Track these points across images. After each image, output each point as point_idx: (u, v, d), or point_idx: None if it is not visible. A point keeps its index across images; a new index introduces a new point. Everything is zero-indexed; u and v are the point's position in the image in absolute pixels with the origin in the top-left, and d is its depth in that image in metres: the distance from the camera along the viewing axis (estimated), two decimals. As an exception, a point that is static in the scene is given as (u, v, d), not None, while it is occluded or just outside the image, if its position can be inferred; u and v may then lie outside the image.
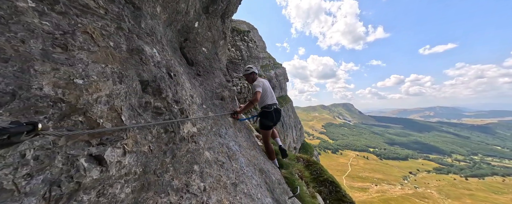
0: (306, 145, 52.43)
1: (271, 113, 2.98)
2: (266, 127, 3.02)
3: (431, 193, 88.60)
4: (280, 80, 41.89)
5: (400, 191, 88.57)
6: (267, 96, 2.98)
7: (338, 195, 9.84)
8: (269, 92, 3.05)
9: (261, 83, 2.91)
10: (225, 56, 4.31)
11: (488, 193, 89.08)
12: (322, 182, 11.28)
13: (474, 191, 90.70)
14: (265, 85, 2.98)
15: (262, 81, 3.02)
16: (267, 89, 3.00)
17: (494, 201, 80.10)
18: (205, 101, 2.03)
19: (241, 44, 24.15)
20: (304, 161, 14.70)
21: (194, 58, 2.47)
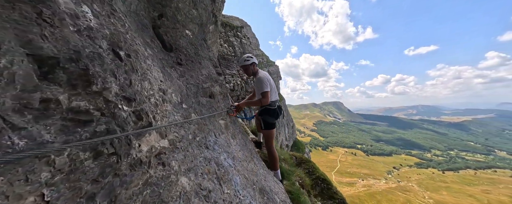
0: (298, 143, 53.04)
1: (276, 109, 2.61)
2: (271, 125, 2.59)
3: (412, 186, 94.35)
4: (273, 78, 41.52)
5: (385, 185, 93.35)
6: (271, 93, 2.54)
7: (330, 192, 9.85)
8: (274, 88, 2.62)
9: (266, 80, 2.46)
10: (216, 47, 3.70)
11: (461, 185, 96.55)
12: (314, 179, 11.15)
13: (449, 184, 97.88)
14: (271, 82, 2.55)
15: (267, 76, 2.54)
16: (272, 85, 2.56)
17: (466, 192, 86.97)
18: (186, 99, 1.46)
19: (234, 40, 23.26)
20: (297, 159, 14.53)
21: (174, 42, 1.86)
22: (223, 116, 1.92)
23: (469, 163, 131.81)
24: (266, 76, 2.51)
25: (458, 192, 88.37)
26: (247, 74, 2.67)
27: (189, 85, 1.61)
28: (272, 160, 2.66)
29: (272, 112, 2.57)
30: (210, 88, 1.85)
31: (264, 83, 2.40)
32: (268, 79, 2.48)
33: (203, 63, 2.01)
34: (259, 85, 2.42)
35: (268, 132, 2.61)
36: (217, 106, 1.87)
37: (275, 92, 2.63)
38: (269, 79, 2.52)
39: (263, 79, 2.43)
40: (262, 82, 2.41)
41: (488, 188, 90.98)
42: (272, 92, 2.54)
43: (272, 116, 2.58)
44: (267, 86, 2.39)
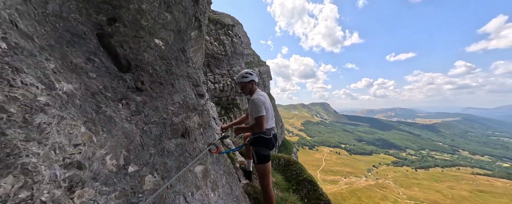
0: (286, 142, 53.78)
1: (271, 139, 2.12)
2: (265, 158, 2.08)
3: (389, 183, 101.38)
4: (264, 78, 41.30)
5: (365, 183, 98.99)
6: (267, 119, 2.10)
7: (316, 194, 9.80)
8: (271, 113, 2.17)
9: (262, 102, 2.03)
10: (201, 54, 3.16)
11: (430, 181, 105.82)
12: (301, 181, 10.99)
13: (420, 180, 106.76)
14: (267, 105, 2.09)
15: (263, 98, 2.11)
16: (269, 109, 2.12)
17: (434, 188, 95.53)
18: (139, 154, 0.96)
19: (225, 39, 22.44)
20: (285, 161, 14.31)
21: (135, 57, 1.33)
22: (201, 159, 1.43)
23: (437, 162, 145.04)
24: (263, 99, 2.07)
25: (427, 188, 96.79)
26: (244, 92, 2.28)
27: (149, 125, 1.10)
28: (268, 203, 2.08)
29: (267, 141, 2.07)
30: (183, 122, 1.34)
31: (259, 106, 1.97)
32: (263, 102, 2.04)
33: (177, 85, 1.49)
34: (253, 108, 1.99)
35: (262, 167, 2.07)
36: (193, 147, 1.37)
37: (272, 118, 2.19)
38: (265, 102, 2.08)
39: (257, 102, 1.99)
40: (256, 105, 1.98)
41: (452, 184, 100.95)
42: (268, 118, 2.11)
43: (266, 146, 2.07)
44: (262, 110, 1.96)
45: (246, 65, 33.46)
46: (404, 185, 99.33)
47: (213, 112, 3.64)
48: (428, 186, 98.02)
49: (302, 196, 10.35)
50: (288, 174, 12.16)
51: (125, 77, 1.20)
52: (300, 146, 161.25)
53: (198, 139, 1.45)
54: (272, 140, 2.12)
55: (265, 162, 2.09)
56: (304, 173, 12.78)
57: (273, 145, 2.12)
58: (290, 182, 11.34)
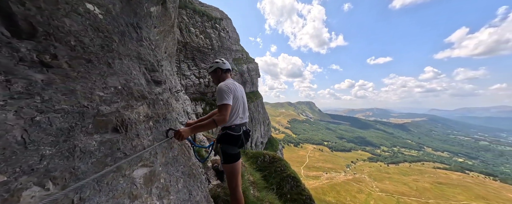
0: (272, 140, 54.54)
1: (239, 137, 1.81)
2: (232, 157, 1.81)
3: (364, 177, 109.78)
4: (252, 76, 41.00)
5: (343, 177, 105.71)
6: (237, 112, 1.82)
7: (298, 189, 10.06)
8: (241, 104, 1.88)
9: (231, 90, 1.77)
10: (172, 41, 2.78)
11: (400, 175, 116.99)
12: (285, 178, 11.14)
13: (391, 175, 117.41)
14: (237, 93, 1.84)
15: (234, 86, 1.88)
16: (239, 100, 1.85)
17: (402, 181, 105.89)
18: (11, 158, 0.63)
19: (212, 32, 21.53)
20: (270, 158, 14.37)
21: (47, 22, 0.95)
22: (146, 159, 1.11)
23: (406, 157, 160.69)
24: (232, 86, 1.81)
25: (397, 181, 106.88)
26: (214, 81, 2.09)
27: (49, 115, 0.76)
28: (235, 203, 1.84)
29: (235, 139, 1.78)
30: (119, 113, 1.01)
31: (224, 93, 1.70)
32: (231, 90, 1.77)
33: (116, 66, 1.13)
34: (217, 95, 1.72)
35: (230, 167, 1.80)
36: (132, 145, 1.05)
37: (245, 111, 1.91)
38: (234, 90, 1.81)
39: (223, 88, 1.73)
40: (220, 92, 1.71)
41: (417, 177, 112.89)
42: (238, 110, 1.82)
43: (234, 144, 1.78)
44: (227, 98, 1.68)
45: (234, 61, 32.71)
46: (377, 179, 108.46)
47: (186, 105, 3.28)
48: (397, 180, 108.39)
49: (285, 192, 10.52)
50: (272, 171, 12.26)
51: (19, 46, 0.83)
52: (286, 143, 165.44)
53: (142, 135, 1.12)
54: (242, 137, 1.83)
55: (233, 161, 1.81)
56: (288, 169, 12.93)
57: (243, 143, 1.83)
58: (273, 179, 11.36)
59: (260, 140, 43.92)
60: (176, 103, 2.69)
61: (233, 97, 1.74)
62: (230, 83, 1.85)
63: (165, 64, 2.87)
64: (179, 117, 2.48)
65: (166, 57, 2.87)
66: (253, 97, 40.75)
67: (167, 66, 2.95)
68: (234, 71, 26.13)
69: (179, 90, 2.84)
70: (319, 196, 73.80)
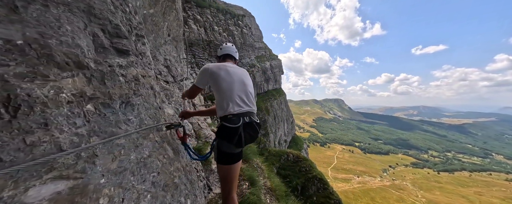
0: (296, 138, 52.58)
1: (236, 130, 1.34)
2: (226, 157, 1.39)
3: (406, 185, 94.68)
4: (275, 73, 39.87)
5: (379, 183, 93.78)
6: (232, 97, 1.41)
7: (326, 192, 8.99)
8: (238, 89, 1.46)
9: (204, 70, 1.48)
10: (174, 17, 2.38)
11: (455, 186, 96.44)
12: (311, 179, 10.06)
13: (443, 184, 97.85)
14: (229, 77, 1.45)
15: (225, 67, 1.50)
16: (233, 82, 1.45)
17: (459, 193, 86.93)
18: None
19: (235, 29, 21.51)
20: (294, 157, 13.36)
21: None
22: (68, 167, 0.62)
23: (465, 165, 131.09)
24: (216, 66, 1.48)
25: (451, 192, 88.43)
26: None
27: None
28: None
29: (230, 133, 1.33)
30: (5, 83, 0.56)
31: (200, 74, 1.48)
32: (217, 69, 1.45)
33: (28, 12, 0.68)
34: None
35: (223, 170, 1.39)
36: (26, 141, 0.59)
37: (248, 98, 1.47)
38: (225, 70, 1.46)
39: (202, 69, 1.48)
40: (199, 73, 1.49)
41: (481, 190, 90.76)
42: (232, 95, 1.41)
43: (228, 140, 1.34)
44: (198, 80, 1.49)
45: (256, 59, 32.34)
46: (424, 187, 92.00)
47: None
48: (452, 191, 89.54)
49: (310, 194, 9.44)
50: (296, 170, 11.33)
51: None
52: (311, 143, 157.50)
53: (59, 125, 0.65)
54: (240, 131, 1.33)
55: (227, 162, 1.37)
56: (313, 170, 11.65)
57: (240, 139, 1.33)
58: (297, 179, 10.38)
59: (283, 138, 42.75)
60: (179, 92, 2.29)
61: (219, 78, 1.42)
62: (219, 64, 1.53)
63: (168, 49, 2.51)
64: (178, 107, 2.06)
65: (169, 41, 2.50)
66: (276, 94, 39.69)
67: (171, 52, 2.59)
68: (256, 68, 25.70)
69: (185, 78, 2.45)
70: (349, 202, 67.52)
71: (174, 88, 2.27)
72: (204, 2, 18.63)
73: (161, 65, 2.23)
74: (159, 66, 2.18)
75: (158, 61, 2.21)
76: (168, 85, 2.21)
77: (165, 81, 2.19)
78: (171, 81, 2.29)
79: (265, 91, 34.49)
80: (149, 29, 2.01)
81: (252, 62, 24.95)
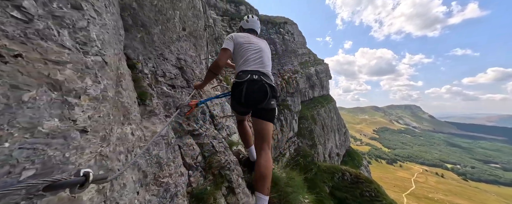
0: (352, 153, 44.00)
1: (240, 84, 1.40)
2: (235, 111, 1.63)
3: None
4: (322, 78, 35.91)
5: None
6: (247, 58, 1.50)
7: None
8: (253, 50, 1.54)
9: (235, 37, 1.59)
10: (187, 5, 1.93)
11: None
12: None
13: None
14: (246, 40, 1.57)
15: (246, 35, 1.65)
16: (251, 45, 1.56)
17: None
18: None
19: (276, 37, 21.27)
20: (352, 177, 10.89)
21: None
22: None
23: None
24: (237, 34, 1.62)
25: None
26: None
27: None
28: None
29: (234, 87, 1.43)
30: None
31: (225, 40, 1.58)
32: (235, 37, 1.59)
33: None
34: None
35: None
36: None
37: (257, 56, 1.51)
38: (246, 37, 1.59)
39: (227, 37, 1.60)
40: (226, 39, 1.58)
41: None
42: (248, 55, 1.49)
43: (232, 95, 1.44)
44: (225, 44, 1.55)
45: (300, 65, 30.47)
46: None
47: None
48: None
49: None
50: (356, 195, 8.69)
51: None
52: (373, 158, 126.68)
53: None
54: (243, 87, 1.37)
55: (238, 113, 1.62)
56: (384, 197, 8.87)
57: (240, 95, 1.37)
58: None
59: (335, 151, 36.63)
60: (189, 99, 1.71)
61: (237, 43, 1.57)
62: (243, 33, 1.69)
63: (184, 47, 2.05)
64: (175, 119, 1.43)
65: (185, 37, 2.05)
66: (323, 101, 35.27)
67: (188, 50, 2.12)
68: (299, 74, 23.93)
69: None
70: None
71: (182, 95, 1.71)
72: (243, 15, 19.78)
73: (169, 66, 1.76)
74: (166, 66, 1.70)
75: (166, 60, 1.75)
76: (174, 91, 1.67)
77: (170, 85, 1.67)
78: (180, 86, 1.77)
79: (311, 99, 31.39)
80: (152, 18, 1.58)
81: (295, 68, 23.57)
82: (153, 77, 1.55)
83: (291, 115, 19.67)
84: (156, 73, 1.58)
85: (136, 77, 1.37)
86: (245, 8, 20.67)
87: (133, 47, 1.49)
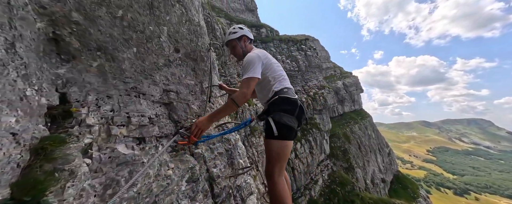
0: (403, 178, 35.40)
1: (296, 102, 1.31)
2: (288, 130, 1.24)
3: None
4: (351, 92, 32.24)
5: None
6: (281, 75, 1.41)
7: None
8: (277, 71, 1.41)
9: (259, 58, 1.34)
10: (178, 18, 1.38)
11: None
12: None
13: None
14: (270, 61, 1.41)
15: (263, 53, 1.41)
16: (273, 66, 1.40)
17: None
18: None
19: (298, 54, 20.69)
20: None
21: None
22: None
23: None
24: (260, 54, 1.37)
25: None
26: (235, 54, 1.54)
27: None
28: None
29: (291, 103, 1.27)
30: None
31: (252, 63, 1.29)
32: (260, 58, 1.34)
33: None
34: (244, 68, 1.30)
35: (278, 145, 1.20)
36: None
37: (285, 78, 1.40)
38: (266, 58, 1.38)
39: (249, 59, 1.32)
40: (249, 62, 1.30)
41: None
42: (278, 74, 1.38)
43: (290, 112, 1.25)
44: (255, 69, 1.27)
45: (326, 79, 28.41)
46: None
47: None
48: None
49: None
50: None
51: None
52: (431, 186, 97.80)
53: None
54: (299, 103, 1.30)
55: (286, 137, 1.21)
56: None
57: (302, 112, 1.29)
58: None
59: (379, 176, 29.91)
60: (158, 167, 0.99)
61: (265, 64, 1.36)
62: (258, 51, 1.42)
63: (177, 74, 1.45)
64: None
65: (179, 60, 1.46)
66: (356, 117, 30.76)
67: (183, 77, 1.51)
68: (326, 89, 21.91)
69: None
70: None
71: (153, 155, 1.01)
72: (268, 37, 20.20)
73: (146, 104, 1.13)
74: (138, 106, 1.07)
75: (141, 97, 1.13)
76: (141, 148, 0.99)
77: (136, 139, 1.00)
78: (157, 135, 1.09)
79: (340, 114, 27.97)
80: (117, 38, 1.02)
81: (320, 83, 21.87)
82: (103, 129, 0.91)
83: (321, 135, 17.32)
84: (112, 122, 0.95)
85: (60, 138, 0.75)
86: (265, 31, 21.41)
87: (81, 83, 0.92)
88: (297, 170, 13.62)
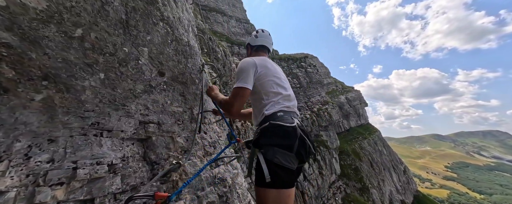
0: (424, 200, 31.62)
1: (294, 130, 0.95)
2: (281, 172, 0.86)
3: None
4: (356, 106, 31.48)
5: None
6: (278, 94, 1.09)
7: None
8: (281, 85, 1.12)
9: (255, 66, 1.11)
10: (160, 38, 1.18)
11: None
12: None
13: None
14: (269, 71, 1.12)
15: (264, 61, 1.17)
16: (278, 78, 1.14)
17: None
18: None
19: (298, 71, 21.01)
20: None
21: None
22: None
23: None
24: (257, 60, 1.14)
25: None
26: None
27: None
28: None
29: (288, 133, 0.93)
30: None
31: (243, 71, 1.09)
32: (257, 65, 1.11)
33: None
34: (236, 75, 1.12)
35: (271, 196, 0.85)
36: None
37: (291, 98, 1.11)
38: (264, 66, 1.12)
39: (241, 66, 1.11)
40: (239, 70, 1.10)
41: None
42: (277, 92, 1.07)
43: (285, 147, 0.89)
44: (245, 78, 1.06)
45: (328, 94, 28.16)
46: None
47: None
48: None
49: None
50: None
51: None
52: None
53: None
54: (299, 133, 0.93)
55: (282, 184, 0.87)
56: None
57: (303, 146, 0.92)
58: None
59: (397, 198, 26.72)
60: None
61: (259, 74, 1.10)
62: (257, 58, 1.17)
63: (161, 101, 1.19)
64: None
65: (165, 84, 1.22)
66: (364, 132, 29.22)
67: (169, 105, 1.24)
68: (330, 105, 21.44)
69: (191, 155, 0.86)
70: None
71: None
72: (268, 57, 21.01)
73: (108, 146, 0.84)
74: (93, 150, 0.78)
75: (103, 137, 0.85)
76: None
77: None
78: (119, 191, 0.77)
79: (347, 130, 26.70)
80: (74, 63, 0.79)
81: (323, 99, 21.56)
82: (24, 195, 0.60)
83: (330, 153, 16.12)
84: (44, 181, 0.64)
85: None
86: (266, 50, 22.37)
87: (10, 126, 0.64)
88: (307, 194, 12.21)
